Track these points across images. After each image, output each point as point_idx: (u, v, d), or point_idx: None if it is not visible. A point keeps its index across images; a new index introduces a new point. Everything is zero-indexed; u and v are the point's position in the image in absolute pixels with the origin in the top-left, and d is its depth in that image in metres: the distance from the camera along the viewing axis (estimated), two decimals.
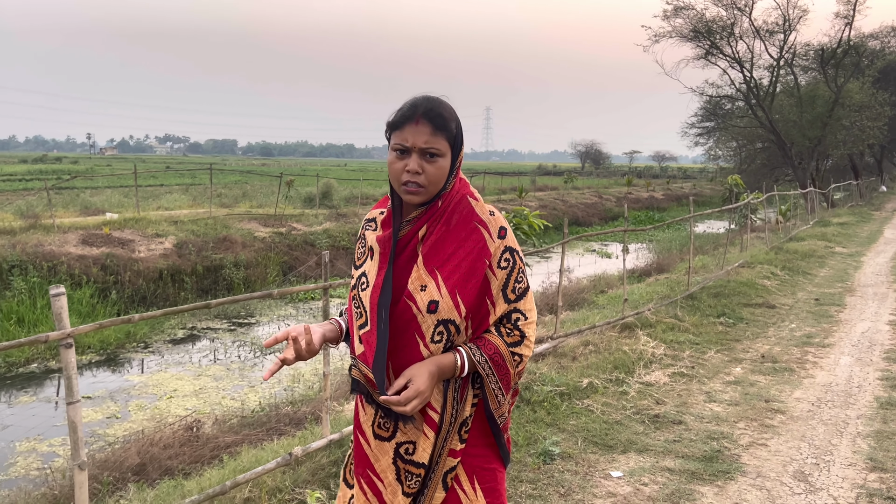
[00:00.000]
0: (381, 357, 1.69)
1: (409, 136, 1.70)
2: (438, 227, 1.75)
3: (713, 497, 3.80)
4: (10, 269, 12.48)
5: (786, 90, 31.03)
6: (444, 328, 1.71)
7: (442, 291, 1.69)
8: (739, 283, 9.83)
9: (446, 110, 1.75)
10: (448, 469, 1.77)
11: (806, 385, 5.86)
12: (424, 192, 1.72)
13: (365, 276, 1.79)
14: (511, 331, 1.78)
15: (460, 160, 1.79)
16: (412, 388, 1.65)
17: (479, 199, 1.82)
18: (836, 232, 18.07)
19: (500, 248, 1.75)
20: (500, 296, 1.76)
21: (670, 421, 4.97)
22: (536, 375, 5.58)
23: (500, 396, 1.79)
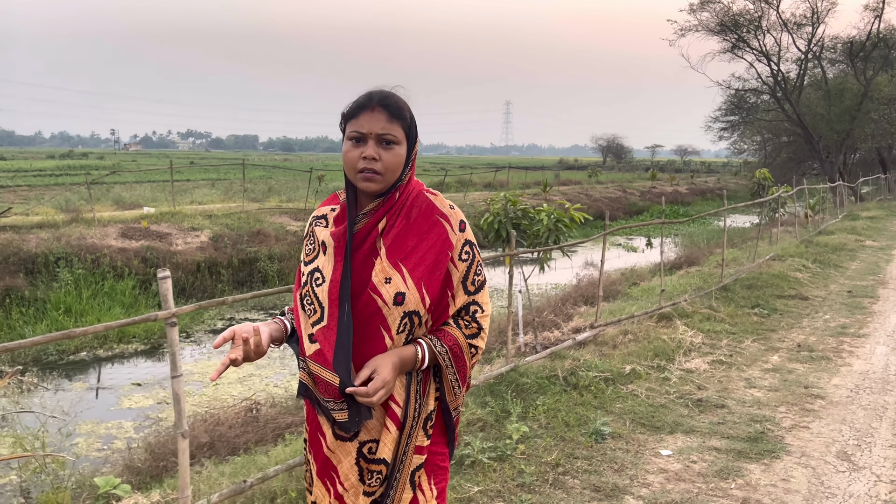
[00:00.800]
0: (346, 351, 1.68)
1: (364, 123, 1.71)
2: (399, 220, 1.76)
3: (760, 474, 4.00)
4: (56, 261, 12.89)
5: (813, 83, 30.83)
6: (408, 320, 1.71)
7: (408, 283, 1.70)
8: (772, 276, 9.96)
9: (401, 101, 1.77)
10: (415, 467, 1.75)
11: (843, 373, 6.01)
12: (381, 180, 1.71)
13: (318, 271, 1.76)
14: (469, 323, 1.80)
15: (415, 152, 1.80)
16: (378, 378, 1.64)
17: (438, 194, 1.84)
18: (865, 226, 18.04)
19: (461, 241, 1.78)
20: (461, 288, 1.78)
21: (713, 405, 5.16)
22: (580, 362, 5.80)
23: (457, 388, 1.80)
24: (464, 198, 26.11)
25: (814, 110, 28.39)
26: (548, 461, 4.11)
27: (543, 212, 6.90)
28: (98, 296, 12.62)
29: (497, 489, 3.77)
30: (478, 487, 3.76)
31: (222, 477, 3.97)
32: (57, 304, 11.87)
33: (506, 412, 4.76)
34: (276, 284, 15.39)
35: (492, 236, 7.19)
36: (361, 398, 1.63)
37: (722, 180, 52.43)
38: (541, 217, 6.85)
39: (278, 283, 15.46)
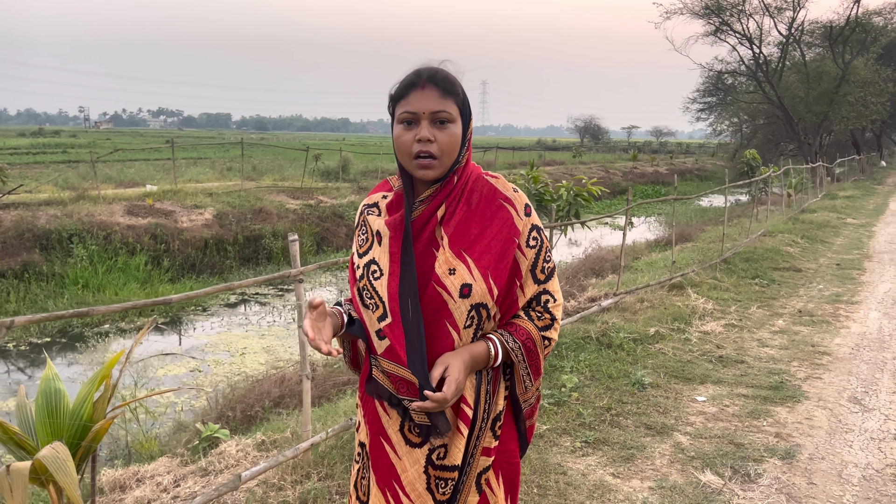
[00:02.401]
0: (419, 350, 1.57)
1: (416, 102, 1.59)
2: (460, 207, 1.64)
3: (787, 414, 4.60)
4: (69, 237, 13.15)
5: (793, 66, 31.66)
6: (475, 313, 1.60)
7: (474, 274, 1.59)
8: (766, 250, 10.61)
9: (451, 75, 1.65)
10: (482, 469, 1.67)
11: (843, 334, 6.65)
12: (438, 165, 1.60)
13: (375, 263, 1.65)
14: (542, 314, 1.70)
15: (471, 131, 1.67)
16: (451, 380, 1.54)
17: (500, 177, 1.73)
18: (844, 204, 18.87)
19: (527, 227, 1.67)
20: (530, 277, 1.68)
21: (733, 361, 5.76)
22: (609, 325, 6.36)
23: (529, 383, 1.71)
24: None
25: (793, 93, 29.26)
26: (600, 405, 4.66)
27: (563, 187, 7.42)
28: (112, 271, 12.93)
29: (563, 427, 4.32)
30: (546, 426, 4.30)
31: (317, 421, 4.46)
32: (75, 279, 12.17)
33: (553, 366, 5.30)
34: (281, 262, 15.78)
35: None
36: (436, 403, 1.53)
37: (700, 161, 53.42)
38: (561, 192, 7.37)
39: (282, 260, 15.85)
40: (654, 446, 4.10)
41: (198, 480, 4.08)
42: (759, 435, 4.27)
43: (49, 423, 3.28)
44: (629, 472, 3.80)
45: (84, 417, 3.29)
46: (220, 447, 4.41)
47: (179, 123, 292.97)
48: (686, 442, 4.17)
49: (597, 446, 4.10)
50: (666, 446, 4.11)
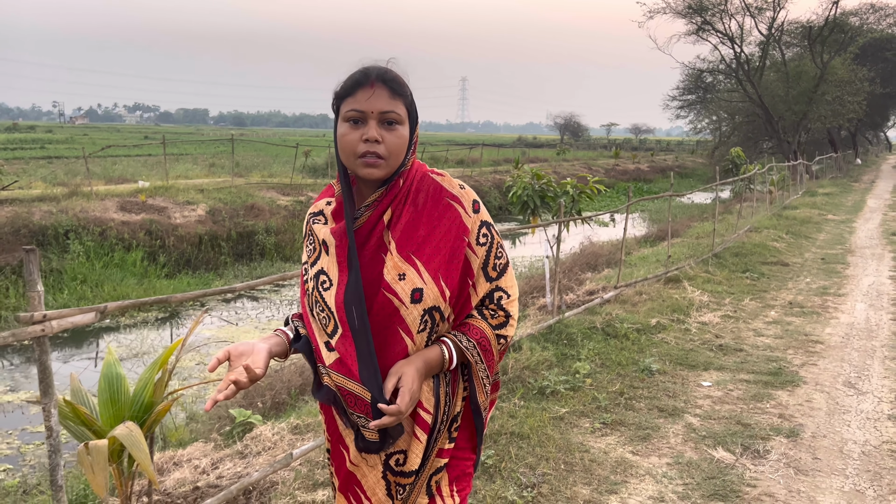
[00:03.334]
0: (370, 362, 1.52)
1: (364, 101, 1.53)
2: (406, 209, 1.59)
3: (787, 397, 4.90)
4: (65, 233, 13.19)
5: (773, 66, 32.28)
6: (429, 317, 1.56)
7: (424, 277, 1.54)
8: (754, 245, 10.98)
9: (400, 76, 1.59)
10: (434, 471, 1.64)
11: (833, 324, 6.99)
12: (385, 165, 1.54)
13: (324, 273, 1.60)
14: (495, 312, 1.66)
15: (417, 133, 1.63)
16: (405, 391, 1.50)
17: (445, 174, 1.67)
18: (824, 201, 19.39)
19: (476, 224, 1.62)
20: (482, 275, 1.64)
21: (733, 349, 6.06)
22: (613, 316, 6.64)
23: (487, 385, 1.67)
24: None
25: (773, 92, 29.86)
26: (613, 390, 4.93)
27: (568, 184, 7.68)
28: (109, 266, 13.00)
29: (580, 410, 4.58)
30: (565, 409, 4.56)
31: None
32: (73, 275, 12.23)
33: (564, 354, 5.57)
34: (274, 257, 15.91)
35: (519, 208, 7.96)
36: (392, 417, 1.49)
37: (680, 158, 54.14)
38: (566, 188, 7.63)
39: (276, 256, 15.99)
40: (668, 427, 4.38)
41: (237, 462, 4.29)
42: (763, 416, 4.57)
43: (111, 406, 3.48)
44: (647, 449, 4.07)
45: (145, 400, 3.50)
46: (253, 431, 4.61)
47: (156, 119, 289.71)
48: (697, 423, 4.45)
49: (614, 427, 4.37)
50: (678, 427, 4.39)
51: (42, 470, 5.88)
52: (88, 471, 3.01)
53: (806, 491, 3.60)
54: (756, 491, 3.58)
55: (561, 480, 3.65)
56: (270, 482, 3.81)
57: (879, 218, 16.56)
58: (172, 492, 3.94)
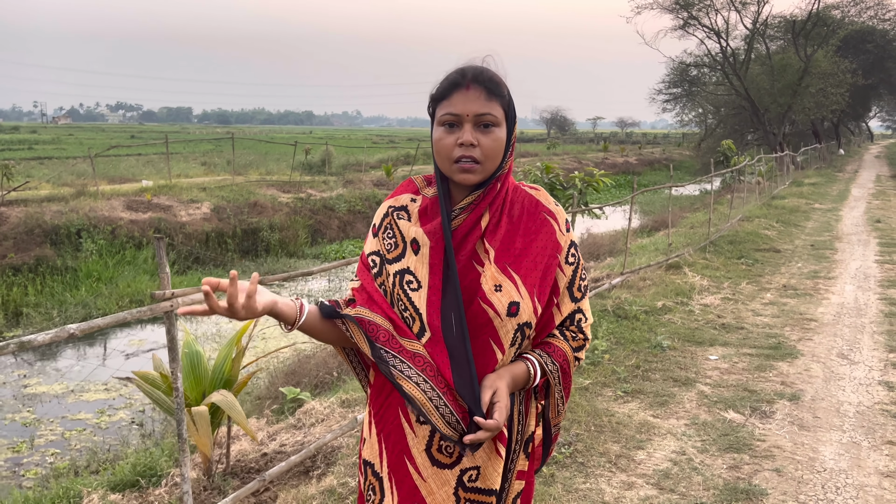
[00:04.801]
0: (467, 373, 1.47)
1: (459, 103, 1.50)
2: (503, 218, 1.55)
3: (787, 368, 5.40)
4: (77, 232, 13.52)
5: (758, 59, 32.94)
6: (520, 333, 1.53)
7: (521, 292, 1.51)
8: (747, 233, 11.52)
9: (497, 75, 1.55)
10: (515, 495, 1.61)
11: (825, 304, 7.50)
12: (481, 170, 1.50)
13: (410, 273, 1.54)
14: (576, 334, 1.64)
15: (515, 135, 1.59)
16: (501, 405, 1.46)
17: (540, 189, 1.65)
18: (810, 191, 20.01)
19: (567, 243, 1.61)
20: (567, 294, 1.61)
21: (735, 327, 6.56)
22: (622, 299, 7.12)
23: (561, 405, 1.66)
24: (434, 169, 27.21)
25: (759, 84, 30.51)
26: (630, 364, 5.40)
27: (576, 177, 8.15)
28: (121, 264, 13.34)
29: (602, 381, 5.05)
30: (588, 381, 5.03)
31: None
32: (88, 273, 12.57)
33: None
34: (279, 253, 16.28)
35: None
36: (487, 433, 1.44)
37: (667, 151, 54.85)
38: (574, 181, 8.10)
39: (280, 252, 16.36)
40: (682, 394, 4.86)
41: (294, 433, 4.72)
42: (767, 383, 5.06)
43: (193, 379, 3.91)
44: (666, 413, 4.54)
45: (225, 374, 3.93)
46: (304, 406, 5.05)
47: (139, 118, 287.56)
48: (708, 390, 4.93)
49: (634, 395, 4.84)
50: (692, 394, 4.86)
51: (87, 452, 6.29)
52: (193, 432, 3.44)
53: (809, 443, 4.09)
54: (765, 444, 4.06)
55: (593, 439, 4.12)
56: (332, 447, 4.24)
57: (864, 206, 17.18)
58: (242, 458, 4.37)
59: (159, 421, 7.06)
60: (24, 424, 7.10)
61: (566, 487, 3.58)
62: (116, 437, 6.82)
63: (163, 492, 4.15)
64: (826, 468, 3.78)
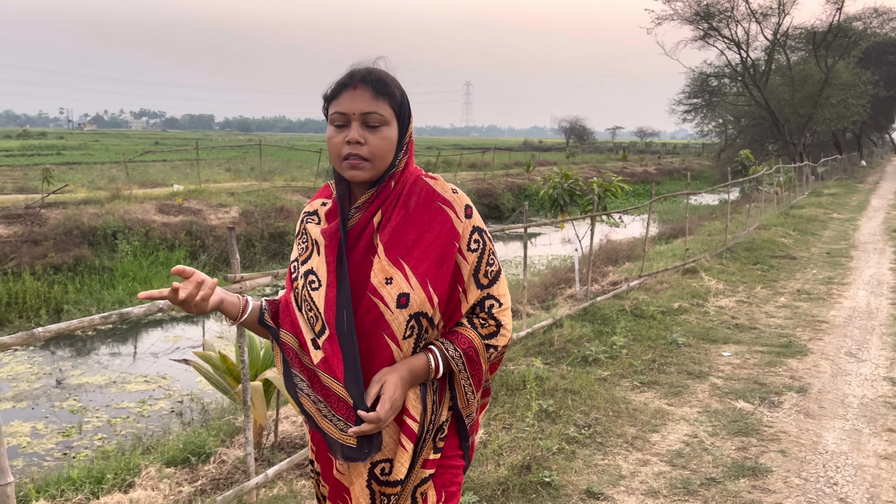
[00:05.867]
0: (354, 366, 1.50)
1: (346, 103, 1.53)
2: (396, 212, 1.57)
3: (797, 364, 5.69)
4: (113, 234, 14.05)
5: (779, 70, 33.07)
6: (416, 323, 1.53)
7: (412, 282, 1.52)
8: (763, 241, 11.77)
9: (387, 76, 1.58)
10: (419, 482, 1.61)
11: (837, 308, 7.76)
12: (369, 167, 1.53)
13: (313, 273, 1.59)
14: (485, 321, 1.62)
15: (410, 134, 1.61)
16: (385, 399, 1.47)
17: (438, 178, 1.65)
18: (829, 201, 20.15)
19: (468, 229, 1.60)
20: (472, 281, 1.60)
21: (747, 328, 6.85)
22: (639, 300, 7.44)
23: (470, 394, 1.63)
24: (454, 177, 27.63)
25: (779, 95, 30.64)
26: (647, 359, 5.72)
27: (595, 183, 8.48)
28: (155, 265, 13.84)
29: (620, 373, 5.38)
30: (607, 372, 5.36)
31: None
32: (124, 273, 13.08)
33: (600, 331, 6.37)
34: None
35: (549, 204, 8.76)
36: (371, 425, 1.46)
37: (686, 161, 54.89)
38: (593, 187, 8.43)
39: None
40: (696, 386, 5.18)
41: None
42: (776, 378, 5.36)
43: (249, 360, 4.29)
44: (680, 402, 4.86)
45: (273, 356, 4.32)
46: None
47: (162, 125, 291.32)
48: (720, 383, 5.24)
49: (650, 386, 5.16)
50: (705, 386, 5.18)
51: (132, 437, 6.71)
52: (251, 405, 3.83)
53: (814, 430, 4.39)
54: (773, 430, 4.37)
55: (611, 423, 4.45)
56: None
57: (882, 216, 17.32)
58: (286, 436, 4.74)
59: (198, 411, 7.46)
60: (72, 412, 7.53)
61: (586, 463, 3.92)
62: (158, 423, 7.24)
63: (211, 468, 4.54)
64: (828, 451, 4.09)
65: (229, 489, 3.80)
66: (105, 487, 4.28)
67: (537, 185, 29.49)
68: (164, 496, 4.23)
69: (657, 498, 3.55)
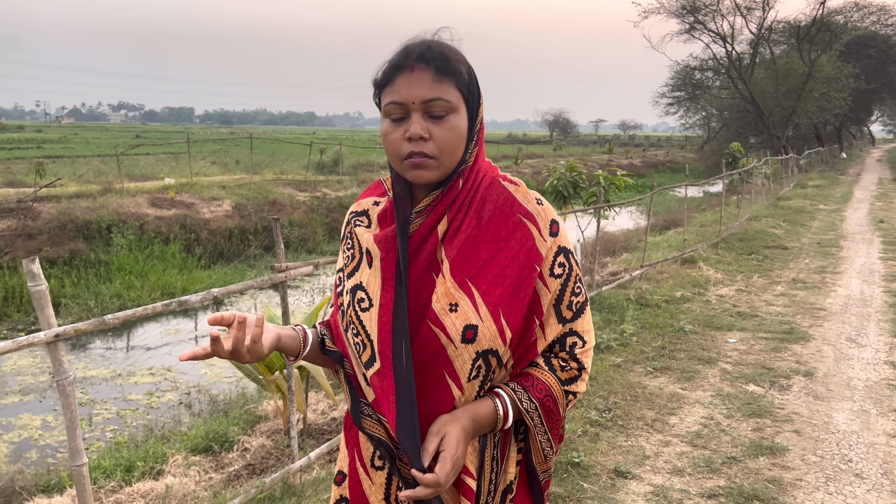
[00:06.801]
0: (409, 413, 1.22)
1: (403, 90, 1.25)
2: (467, 221, 1.28)
3: (801, 349, 5.88)
4: (107, 227, 14.01)
5: (763, 63, 33.50)
6: (483, 362, 1.25)
7: (481, 312, 1.24)
8: (756, 232, 12.01)
9: (451, 50, 1.28)
10: None
11: (833, 296, 7.99)
12: (436, 166, 1.25)
13: (362, 289, 1.31)
14: (566, 363, 1.35)
15: (481, 120, 1.32)
16: (446, 456, 1.20)
17: (520, 183, 1.36)
18: (814, 193, 20.51)
19: (552, 250, 1.31)
20: (552, 314, 1.32)
21: (749, 315, 7.04)
22: (643, 290, 7.61)
23: (549, 450, 1.36)
24: None
25: (763, 89, 31.05)
26: (657, 346, 5.89)
27: (599, 175, 8.64)
28: (150, 258, 13.82)
29: (633, 359, 5.54)
30: (620, 359, 5.51)
31: None
32: (120, 266, 13.06)
33: (609, 319, 6.52)
34: (299, 249, 16.77)
35: (552, 196, 8.91)
36: (428, 489, 1.19)
37: (670, 153, 55.41)
38: (597, 180, 8.58)
39: (301, 248, 16.84)
40: (706, 371, 5.34)
41: None
42: (783, 362, 5.54)
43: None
44: (693, 386, 5.03)
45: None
46: None
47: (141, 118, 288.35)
48: (729, 367, 5.42)
49: (662, 371, 5.33)
50: (715, 371, 5.35)
51: (143, 429, 6.77)
52: (275, 391, 3.93)
53: (824, 410, 4.57)
54: (785, 411, 4.55)
55: (630, 406, 4.60)
56: None
57: (867, 207, 17.68)
58: (314, 423, 4.85)
59: (206, 402, 7.53)
60: (80, 404, 7.57)
61: (610, 444, 4.06)
62: (168, 415, 7.31)
63: (235, 455, 4.63)
64: (840, 430, 4.27)
65: (269, 473, 3.90)
66: (136, 475, 4.37)
67: (526, 178, 29.74)
68: (195, 483, 4.32)
69: (682, 476, 3.70)
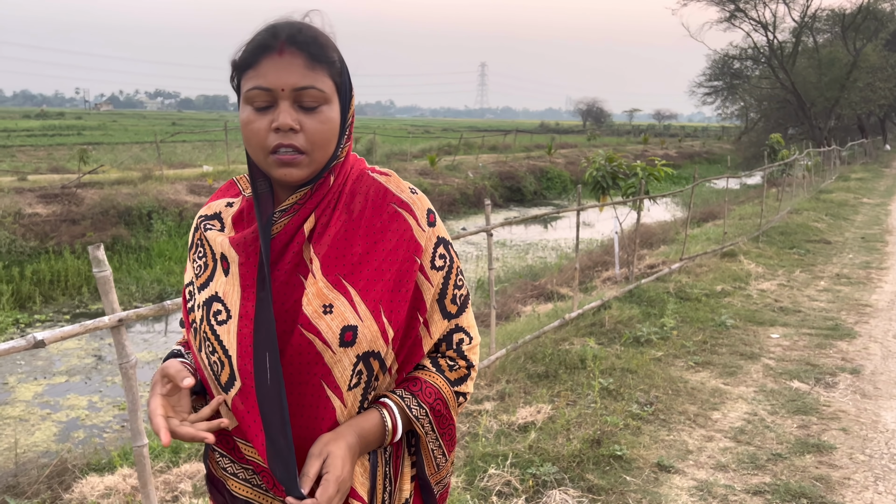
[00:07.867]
0: (281, 436, 1.08)
1: (271, 75, 1.09)
2: (337, 216, 1.16)
3: (847, 346, 5.77)
4: (148, 214, 14.27)
5: (805, 52, 32.75)
6: (364, 366, 1.12)
7: (360, 311, 1.11)
8: (797, 225, 11.78)
9: (323, 36, 1.15)
10: None
11: (878, 292, 7.81)
12: (307, 163, 1.11)
13: (218, 300, 1.15)
14: (454, 362, 1.25)
15: (352, 114, 1.19)
16: (330, 479, 1.06)
17: (391, 174, 1.26)
18: (857, 185, 20.05)
19: (432, 240, 1.21)
20: (436, 309, 1.21)
21: (792, 311, 6.93)
22: (682, 283, 7.53)
23: (441, 459, 1.26)
24: (476, 160, 27.65)
25: (806, 78, 30.37)
26: (698, 340, 5.83)
27: (638, 166, 8.54)
28: None
29: (674, 353, 5.49)
30: (660, 353, 5.47)
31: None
32: (160, 252, 13.30)
33: (648, 313, 6.47)
34: None
35: (591, 186, 8.83)
36: None
37: (707, 144, 54.50)
38: (636, 171, 8.49)
39: None
40: (749, 366, 5.28)
41: None
42: (828, 359, 5.45)
43: None
44: (735, 381, 4.97)
45: None
46: None
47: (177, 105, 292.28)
48: (773, 363, 5.34)
49: (704, 366, 5.27)
50: (758, 366, 5.28)
51: None
52: None
53: (871, 409, 4.49)
54: (831, 409, 4.47)
55: (671, 400, 4.57)
56: None
57: None
58: None
59: None
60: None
61: (653, 438, 4.04)
62: None
63: None
64: (888, 429, 4.19)
65: None
66: (182, 457, 4.46)
67: (559, 169, 29.49)
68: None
69: (726, 472, 3.67)
